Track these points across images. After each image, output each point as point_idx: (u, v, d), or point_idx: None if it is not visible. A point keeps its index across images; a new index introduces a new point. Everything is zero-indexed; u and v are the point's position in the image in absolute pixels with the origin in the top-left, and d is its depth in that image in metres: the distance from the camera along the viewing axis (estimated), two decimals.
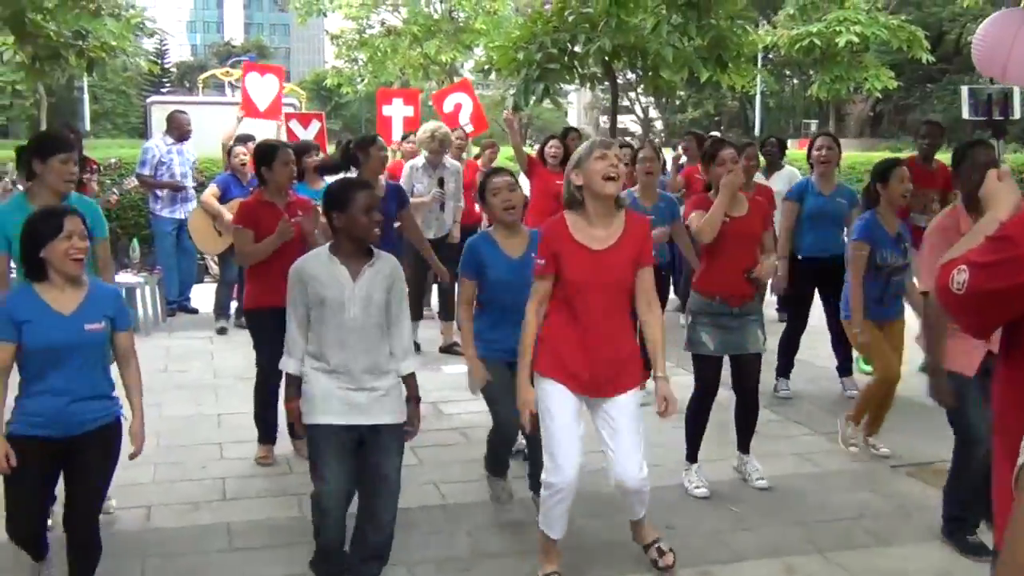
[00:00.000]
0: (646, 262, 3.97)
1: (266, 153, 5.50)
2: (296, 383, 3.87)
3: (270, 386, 5.46)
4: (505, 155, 11.34)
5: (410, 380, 3.93)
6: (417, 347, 6.02)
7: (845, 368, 7.01)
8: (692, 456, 5.13)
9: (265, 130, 10.65)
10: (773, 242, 5.21)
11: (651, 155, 6.59)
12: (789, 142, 37.31)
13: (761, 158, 8.60)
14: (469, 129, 10.56)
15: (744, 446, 5.27)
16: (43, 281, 3.62)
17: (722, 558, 4.33)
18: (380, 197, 3.81)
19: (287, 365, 3.89)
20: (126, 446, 3.80)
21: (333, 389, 3.72)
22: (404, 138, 10.09)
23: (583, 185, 3.85)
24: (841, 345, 6.84)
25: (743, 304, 4.97)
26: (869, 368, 6.55)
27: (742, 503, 4.96)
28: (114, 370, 3.85)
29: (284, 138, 9.91)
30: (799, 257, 6.84)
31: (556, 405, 3.89)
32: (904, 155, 19.43)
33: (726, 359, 5.07)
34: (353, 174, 6.00)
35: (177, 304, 9.82)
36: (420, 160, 8.06)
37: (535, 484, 4.47)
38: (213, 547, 4.42)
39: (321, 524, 3.78)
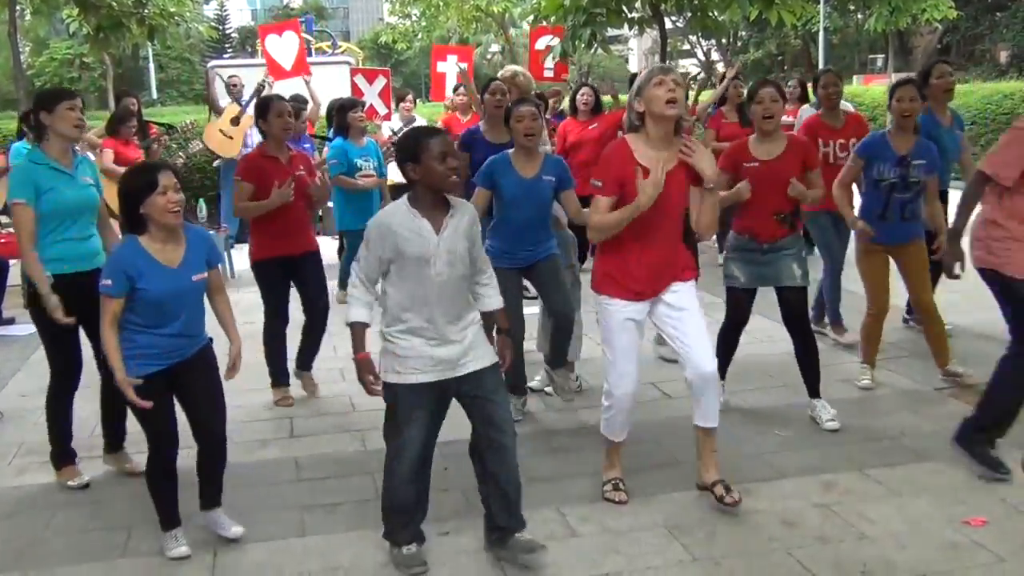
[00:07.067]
0: (700, 183, 4.06)
1: (262, 107, 5.70)
2: (364, 333, 3.70)
3: (277, 334, 5.92)
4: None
5: (499, 314, 3.88)
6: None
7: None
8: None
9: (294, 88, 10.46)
10: (820, 180, 5.14)
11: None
12: (855, 79, 36.08)
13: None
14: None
15: (814, 391, 5.24)
16: (144, 234, 3.77)
17: (763, 476, 4.52)
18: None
19: (358, 315, 3.67)
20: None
21: (418, 346, 3.60)
22: (455, 90, 10.26)
23: (644, 111, 4.01)
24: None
25: (774, 240, 5.06)
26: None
27: (788, 427, 5.15)
28: None
29: (345, 92, 10.08)
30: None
31: (615, 321, 4.14)
32: (970, 87, 19.00)
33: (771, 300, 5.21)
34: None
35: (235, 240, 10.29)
36: None
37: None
38: (282, 478, 4.73)
39: (395, 484, 3.71)
